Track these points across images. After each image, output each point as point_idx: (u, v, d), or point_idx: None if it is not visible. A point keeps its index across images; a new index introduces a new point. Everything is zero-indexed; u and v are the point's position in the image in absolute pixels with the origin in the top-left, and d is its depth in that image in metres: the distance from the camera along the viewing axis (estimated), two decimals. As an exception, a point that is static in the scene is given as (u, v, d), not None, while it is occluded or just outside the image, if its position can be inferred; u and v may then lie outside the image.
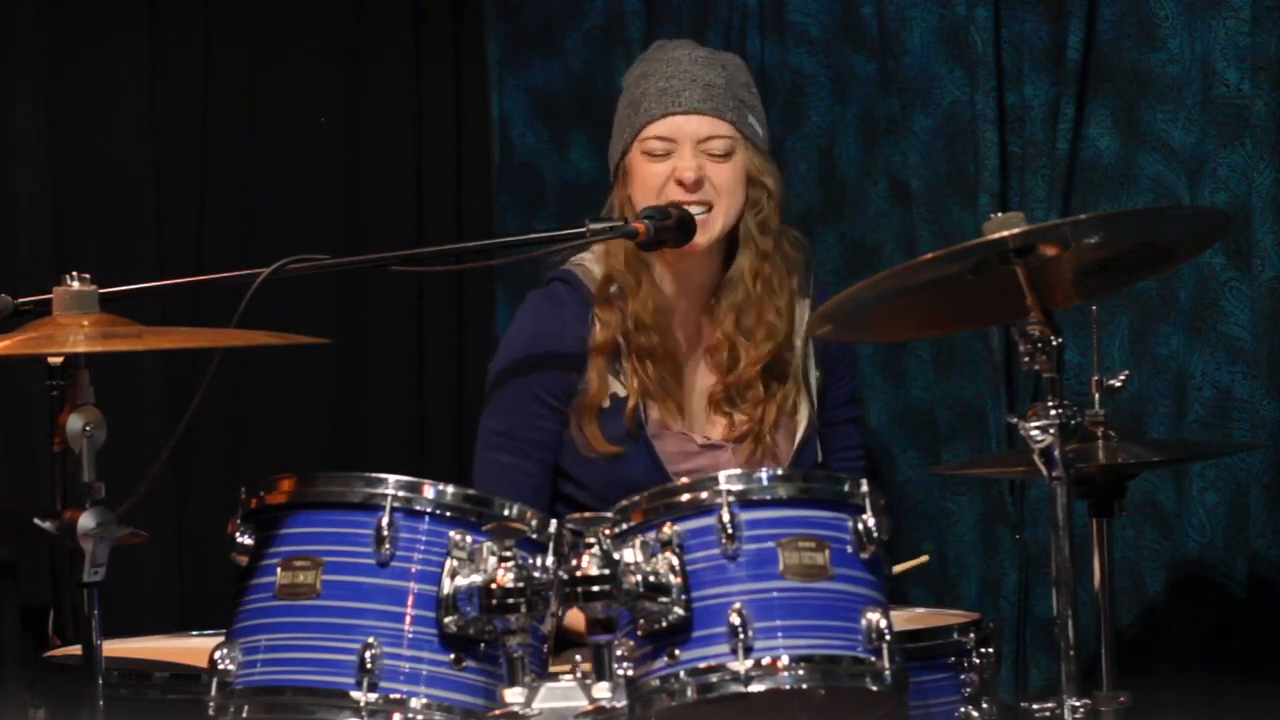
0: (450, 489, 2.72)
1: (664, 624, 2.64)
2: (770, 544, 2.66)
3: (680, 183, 3.40)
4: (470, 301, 4.60)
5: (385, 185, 4.58)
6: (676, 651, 2.64)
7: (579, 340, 3.44)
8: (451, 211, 4.63)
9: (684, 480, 2.73)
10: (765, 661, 2.61)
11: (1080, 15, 3.82)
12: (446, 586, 2.66)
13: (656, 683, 2.64)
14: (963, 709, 3.10)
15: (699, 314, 3.49)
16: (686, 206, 3.37)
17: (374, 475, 2.73)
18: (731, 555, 2.65)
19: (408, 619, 2.67)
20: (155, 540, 3.38)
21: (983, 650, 3.14)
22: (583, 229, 3.25)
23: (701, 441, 3.45)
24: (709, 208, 3.41)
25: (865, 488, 2.73)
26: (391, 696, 2.64)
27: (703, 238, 3.39)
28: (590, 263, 3.48)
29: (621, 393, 3.42)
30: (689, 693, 2.63)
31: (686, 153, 3.41)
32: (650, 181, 3.41)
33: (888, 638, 2.66)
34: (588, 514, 2.70)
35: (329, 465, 2.90)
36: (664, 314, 3.44)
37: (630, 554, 2.65)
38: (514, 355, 3.47)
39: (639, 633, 2.66)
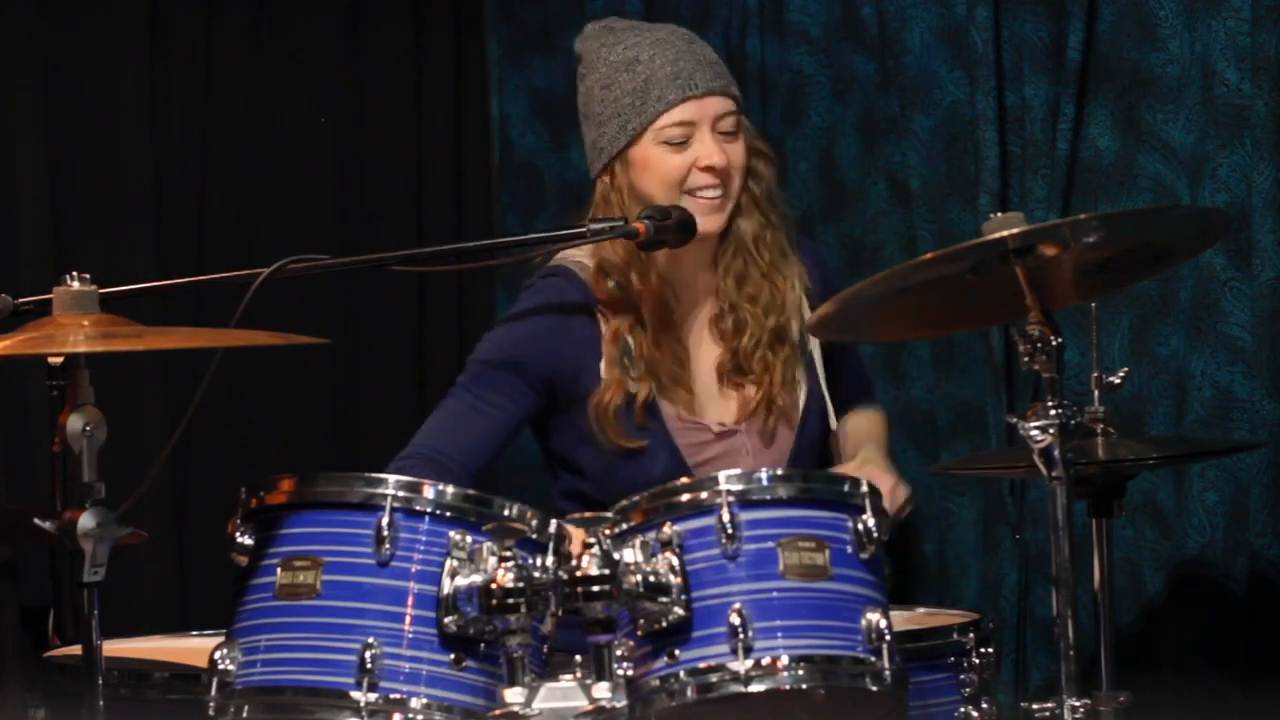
0: (450, 489, 2.71)
1: (664, 624, 2.64)
2: (770, 544, 2.66)
3: (709, 169, 3.32)
4: (470, 301, 4.60)
5: (385, 185, 4.58)
6: (676, 651, 2.64)
7: (584, 335, 3.38)
8: (451, 211, 4.63)
9: (683, 481, 2.73)
10: (765, 661, 2.61)
11: (1080, 15, 3.82)
12: (446, 586, 2.66)
13: (656, 683, 2.64)
14: (962, 709, 3.10)
15: (698, 287, 3.43)
16: (703, 191, 3.33)
17: (374, 475, 2.73)
18: (731, 555, 2.65)
19: (408, 619, 2.67)
20: (155, 540, 3.38)
21: (982, 650, 3.14)
22: (583, 229, 3.24)
23: (717, 429, 3.39)
24: (724, 189, 3.35)
25: (865, 488, 2.73)
26: (391, 696, 2.64)
27: (718, 222, 3.35)
28: (581, 256, 3.43)
29: (633, 389, 3.37)
30: (689, 693, 2.62)
31: (708, 137, 3.33)
32: (670, 173, 3.33)
33: (888, 638, 2.66)
34: (587, 514, 2.70)
35: (329, 465, 2.90)
36: (665, 294, 3.39)
37: (630, 554, 2.65)
38: (511, 334, 3.39)
39: (639, 633, 2.66)
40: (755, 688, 2.61)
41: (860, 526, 2.70)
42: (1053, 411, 2.81)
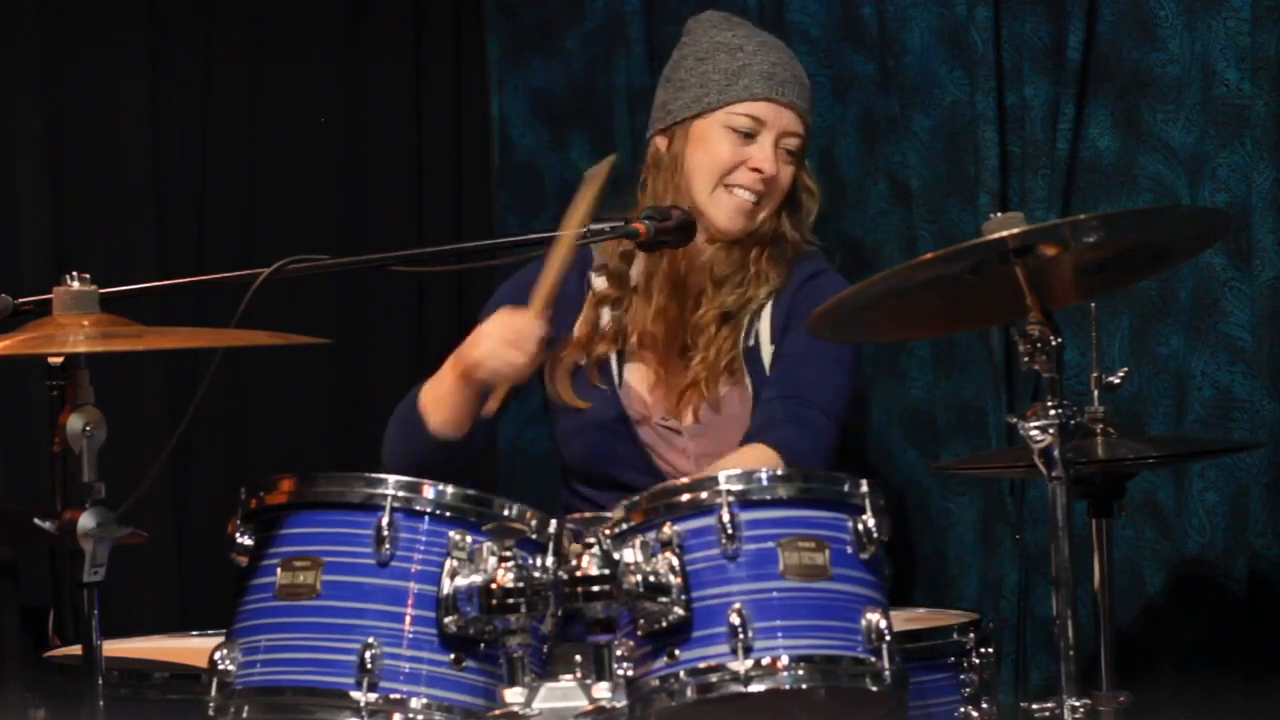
0: (450, 489, 2.72)
1: (664, 624, 2.64)
2: (770, 544, 2.66)
3: (757, 171, 3.47)
4: (470, 301, 4.60)
5: (385, 185, 4.57)
6: (676, 651, 2.64)
7: (577, 300, 3.52)
8: (451, 211, 4.62)
9: (683, 481, 2.74)
10: (765, 661, 2.62)
11: (1080, 15, 3.82)
12: (446, 586, 2.67)
13: (656, 683, 2.64)
14: (962, 709, 3.10)
15: (704, 281, 3.54)
16: (741, 190, 3.47)
17: (374, 475, 2.73)
18: (731, 555, 2.65)
19: (408, 619, 2.67)
20: (155, 540, 3.38)
21: (982, 650, 3.15)
22: (582, 229, 3.25)
23: (660, 422, 3.50)
24: (760, 199, 3.49)
25: (865, 488, 2.73)
26: (391, 696, 2.64)
27: (742, 224, 3.48)
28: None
29: (596, 350, 3.50)
30: (689, 693, 2.63)
31: (768, 143, 3.49)
32: (720, 160, 3.48)
33: (887, 638, 2.66)
34: (588, 514, 2.70)
35: (329, 465, 2.90)
36: (674, 276, 3.50)
37: (630, 554, 2.65)
38: (503, 297, 3.52)
39: (639, 633, 2.66)
40: (755, 688, 2.61)
41: (860, 526, 2.70)
42: (1053, 411, 2.81)
